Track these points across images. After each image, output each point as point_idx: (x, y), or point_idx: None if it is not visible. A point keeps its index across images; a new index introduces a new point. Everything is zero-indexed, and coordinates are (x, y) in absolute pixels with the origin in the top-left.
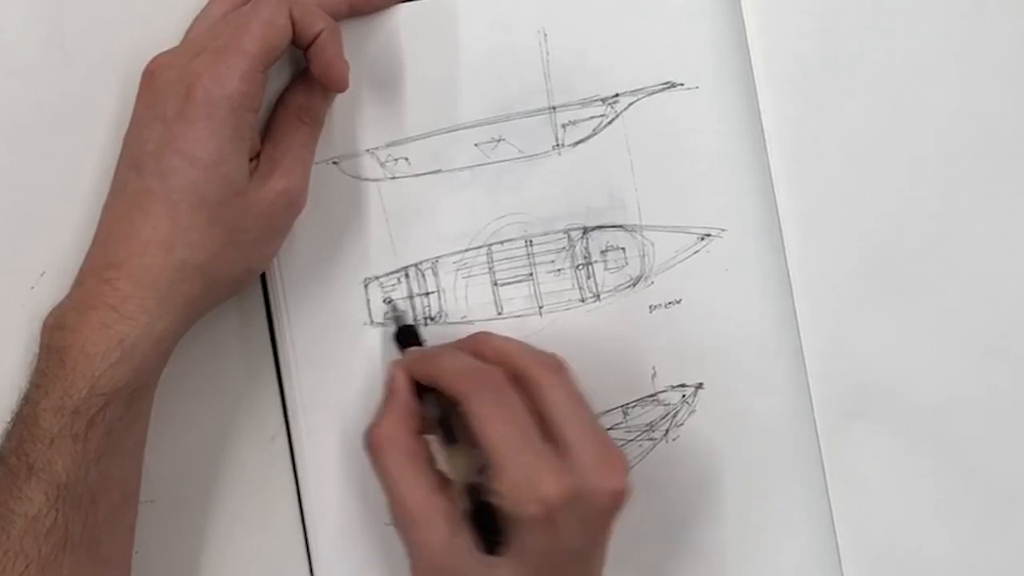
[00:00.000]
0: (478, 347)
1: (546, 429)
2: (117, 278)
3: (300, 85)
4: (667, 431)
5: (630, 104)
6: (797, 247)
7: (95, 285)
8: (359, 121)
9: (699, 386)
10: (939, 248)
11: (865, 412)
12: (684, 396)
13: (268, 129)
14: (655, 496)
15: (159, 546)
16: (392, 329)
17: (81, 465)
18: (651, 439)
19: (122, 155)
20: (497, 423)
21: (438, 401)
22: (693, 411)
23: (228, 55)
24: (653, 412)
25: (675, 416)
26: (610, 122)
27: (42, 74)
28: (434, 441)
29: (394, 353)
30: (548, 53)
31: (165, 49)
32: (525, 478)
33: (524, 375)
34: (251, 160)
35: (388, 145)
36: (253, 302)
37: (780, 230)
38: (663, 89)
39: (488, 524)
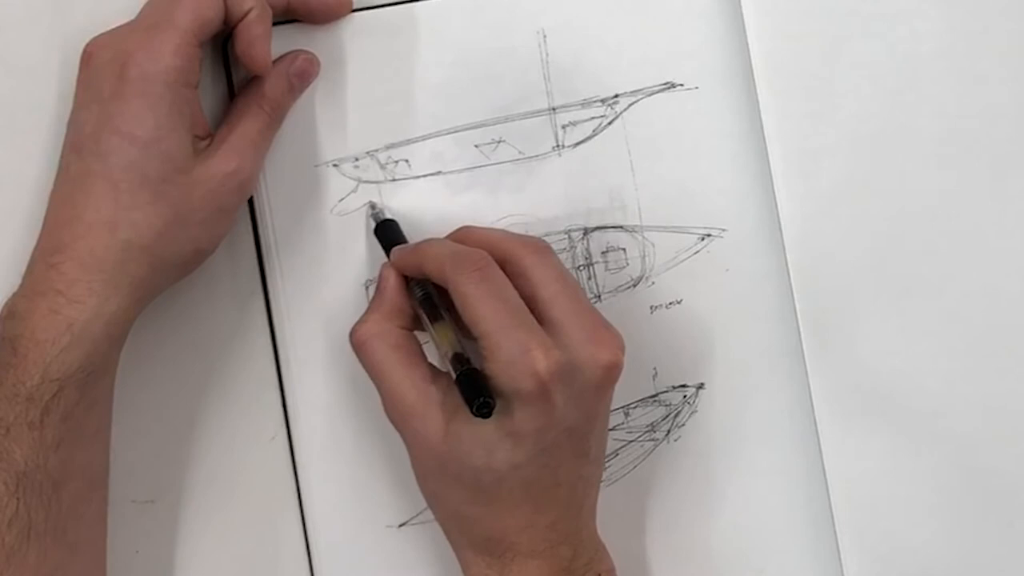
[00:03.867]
0: (462, 238)
1: (535, 310)
2: (63, 262)
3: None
4: (668, 431)
5: (630, 105)
6: (797, 247)
7: (43, 271)
8: (359, 123)
9: (700, 386)
10: (939, 248)
11: (865, 412)
12: (685, 396)
13: (226, 113)
14: (657, 496)
15: (159, 546)
16: (372, 226)
17: (40, 453)
18: (653, 439)
19: (65, 140)
20: (485, 301)
21: (420, 283)
22: (694, 411)
23: (160, 31)
24: (655, 412)
25: (676, 416)
26: (610, 123)
27: (42, 74)
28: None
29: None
30: (548, 54)
31: None
32: (518, 354)
33: (509, 259)
34: (203, 139)
35: (388, 147)
36: (253, 302)
37: (780, 230)
38: (663, 89)
39: (476, 389)
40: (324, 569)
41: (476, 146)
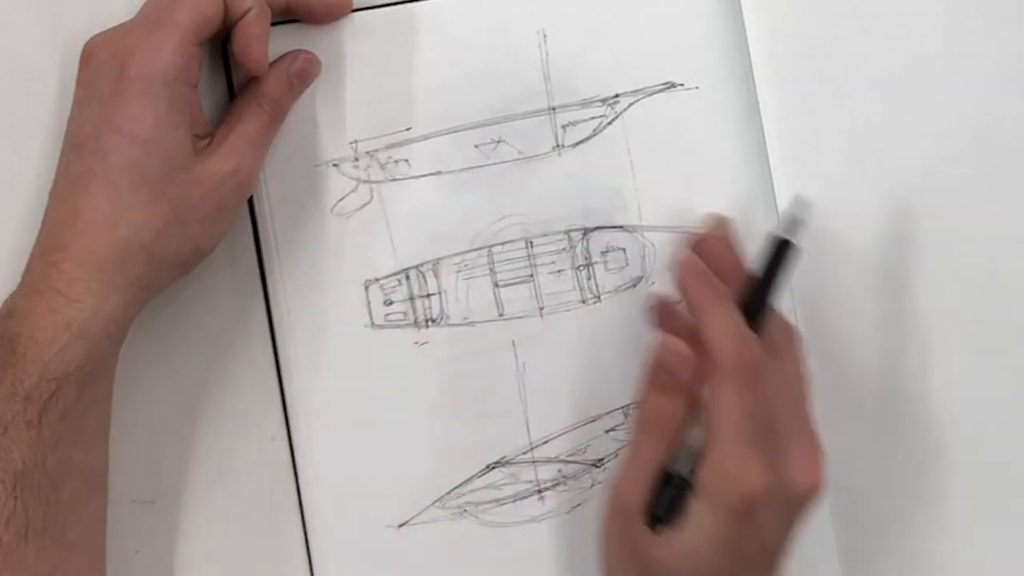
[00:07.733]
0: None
1: None
2: (62, 260)
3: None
4: None
5: (630, 104)
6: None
7: (42, 269)
8: (359, 123)
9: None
10: (939, 247)
11: (865, 412)
12: None
13: (226, 112)
14: None
15: (159, 546)
16: (777, 234)
17: (37, 452)
18: None
19: (64, 139)
20: (735, 413)
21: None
22: None
23: (160, 29)
24: None
25: None
26: (610, 123)
27: (42, 74)
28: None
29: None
30: (548, 54)
31: None
32: (735, 469)
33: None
34: (202, 139)
35: (388, 147)
36: (254, 303)
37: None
38: (663, 89)
39: (668, 504)
40: (324, 569)
41: (476, 146)
